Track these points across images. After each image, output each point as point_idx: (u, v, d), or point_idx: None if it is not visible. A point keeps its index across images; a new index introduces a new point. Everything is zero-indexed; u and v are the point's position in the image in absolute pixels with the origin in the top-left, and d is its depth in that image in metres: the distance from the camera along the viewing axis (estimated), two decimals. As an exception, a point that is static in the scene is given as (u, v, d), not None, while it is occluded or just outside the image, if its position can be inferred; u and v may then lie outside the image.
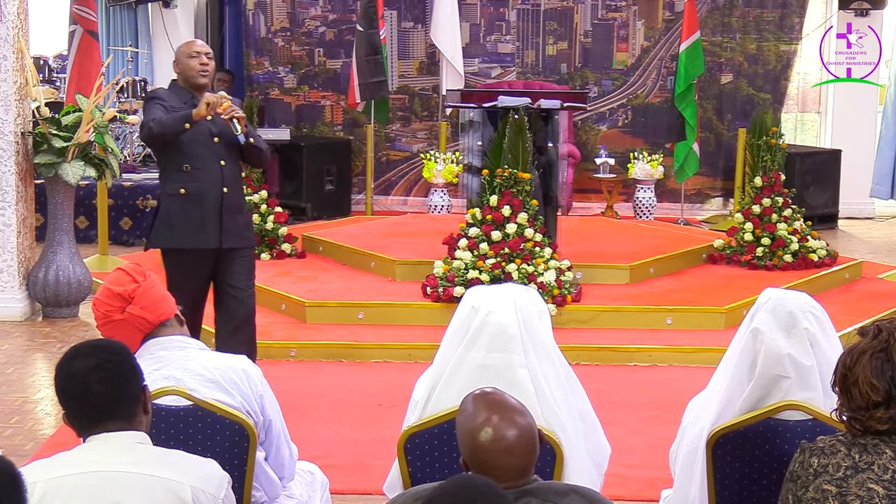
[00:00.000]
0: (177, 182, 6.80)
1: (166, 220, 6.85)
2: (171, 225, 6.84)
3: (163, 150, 6.88)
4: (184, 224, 6.82)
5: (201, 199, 6.80)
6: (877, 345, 3.38)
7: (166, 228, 6.86)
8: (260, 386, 4.27)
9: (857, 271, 10.80)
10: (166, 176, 6.86)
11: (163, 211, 6.88)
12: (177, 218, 6.82)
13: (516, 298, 4.11)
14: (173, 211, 6.83)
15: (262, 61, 14.65)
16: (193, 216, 6.81)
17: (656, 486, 5.40)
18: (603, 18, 14.32)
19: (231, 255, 6.92)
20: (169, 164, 6.83)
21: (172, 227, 6.84)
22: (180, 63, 6.88)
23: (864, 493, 3.27)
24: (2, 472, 2.72)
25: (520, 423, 3.18)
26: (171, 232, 6.86)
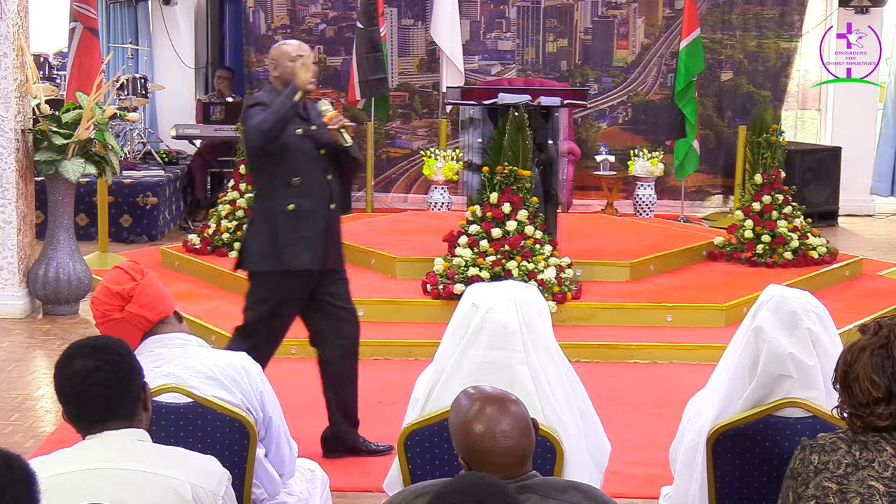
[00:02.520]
0: (284, 198, 6.27)
1: (269, 239, 6.29)
2: (277, 245, 6.28)
3: (266, 163, 6.30)
4: (292, 244, 6.29)
5: (311, 216, 6.32)
6: (877, 341, 3.38)
7: (270, 248, 6.30)
8: (260, 383, 4.27)
9: (857, 268, 10.80)
10: (271, 191, 6.31)
11: (265, 229, 6.32)
12: (284, 237, 6.28)
13: (516, 296, 4.12)
14: (280, 229, 6.27)
15: (262, 59, 14.62)
16: (302, 235, 6.30)
17: (656, 483, 5.40)
18: (603, 16, 14.32)
19: (333, 276, 6.53)
20: (274, 178, 6.28)
21: (278, 247, 6.28)
22: (281, 66, 6.38)
23: (864, 491, 3.27)
24: (18, 470, 2.72)
25: (511, 409, 3.21)
26: (277, 252, 6.29)
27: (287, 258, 6.29)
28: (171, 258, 10.84)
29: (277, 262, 6.29)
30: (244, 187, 10.84)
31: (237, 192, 10.87)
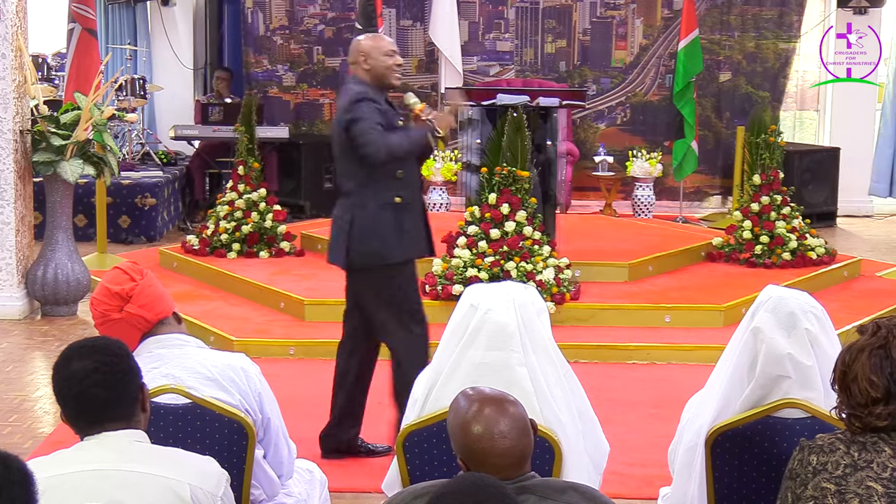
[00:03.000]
0: (390, 190, 6.26)
1: (380, 231, 6.26)
2: (387, 236, 6.27)
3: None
4: (400, 234, 6.29)
5: (413, 207, 6.37)
6: (875, 342, 3.38)
7: (384, 243, 6.28)
8: (259, 384, 4.27)
9: (855, 269, 10.80)
10: (374, 184, 6.24)
11: (375, 222, 6.26)
12: (392, 228, 6.27)
13: (515, 296, 4.12)
14: (387, 221, 6.26)
15: (260, 59, 14.65)
16: (408, 226, 6.32)
17: (655, 484, 5.40)
18: (601, 16, 14.33)
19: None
20: (377, 172, 6.22)
21: (392, 238, 6.29)
22: (372, 59, 6.31)
23: (862, 492, 3.27)
24: (15, 470, 2.72)
25: (510, 410, 3.22)
26: (394, 244, 6.30)
27: (403, 249, 6.33)
28: (169, 259, 10.85)
29: (396, 253, 6.29)
30: (242, 188, 10.85)
31: (235, 193, 10.87)
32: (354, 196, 6.32)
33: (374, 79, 6.34)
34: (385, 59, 6.34)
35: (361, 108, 6.20)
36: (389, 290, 6.39)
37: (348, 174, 6.36)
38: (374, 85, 6.32)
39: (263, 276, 9.92)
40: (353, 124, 6.17)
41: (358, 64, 6.37)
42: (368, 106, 6.20)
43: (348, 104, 6.22)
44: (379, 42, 6.43)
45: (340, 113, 6.33)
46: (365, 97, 6.23)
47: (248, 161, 10.93)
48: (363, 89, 6.28)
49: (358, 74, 6.38)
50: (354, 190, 6.32)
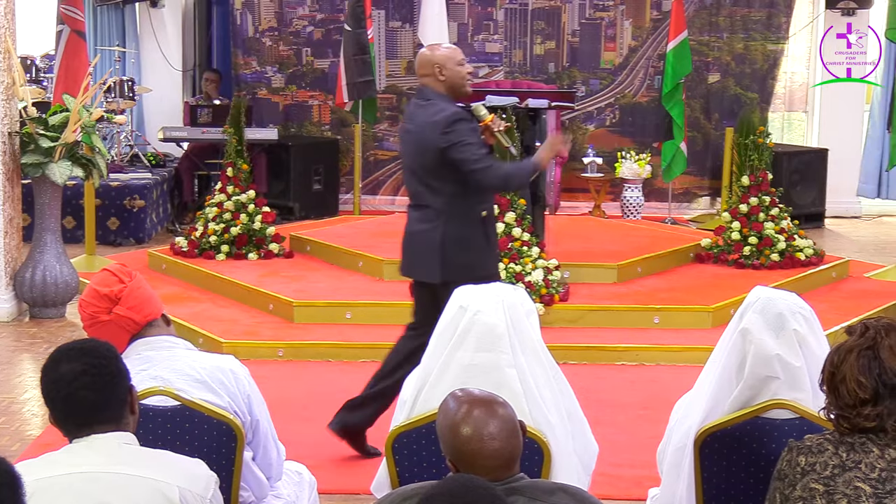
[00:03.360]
0: (478, 204, 6.29)
1: (473, 244, 6.28)
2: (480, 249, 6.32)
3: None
4: (488, 247, 6.39)
5: (492, 220, 6.49)
6: (864, 343, 3.39)
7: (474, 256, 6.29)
8: (247, 386, 4.27)
9: (843, 270, 10.82)
10: (466, 199, 6.24)
11: (468, 236, 6.27)
12: (483, 241, 6.34)
13: (504, 298, 4.12)
14: (479, 234, 6.31)
15: (249, 61, 14.64)
16: (493, 239, 6.48)
17: (644, 485, 5.40)
18: (590, 18, 14.34)
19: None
20: (471, 188, 6.22)
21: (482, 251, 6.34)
22: (448, 70, 6.29)
23: (851, 492, 3.28)
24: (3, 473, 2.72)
25: (499, 412, 3.23)
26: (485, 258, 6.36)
27: (490, 263, 6.40)
28: (158, 261, 10.83)
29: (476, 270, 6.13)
30: (231, 189, 10.83)
31: (224, 195, 10.86)
32: (443, 210, 6.25)
33: (449, 89, 6.33)
34: (459, 70, 6.34)
35: (461, 129, 6.17)
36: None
37: (435, 189, 6.27)
38: (449, 95, 6.33)
39: (252, 277, 9.92)
40: (456, 148, 6.12)
41: (432, 76, 6.33)
42: (466, 126, 6.20)
43: (446, 124, 6.15)
44: (451, 52, 6.41)
45: (433, 130, 6.19)
46: (462, 117, 6.22)
47: (237, 163, 10.92)
48: (453, 108, 6.28)
49: (432, 86, 6.34)
50: (443, 205, 6.25)
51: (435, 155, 6.17)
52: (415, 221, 6.42)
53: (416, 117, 6.36)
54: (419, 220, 6.38)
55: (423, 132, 6.25)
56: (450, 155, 6.13)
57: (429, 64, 6.33)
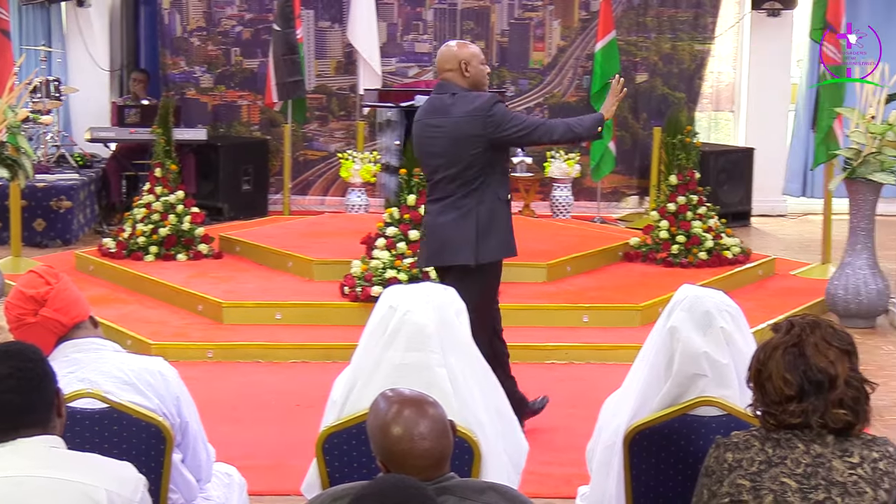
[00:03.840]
0: (504, 188, 6.64)
1: (501, 226, 6.61)
2: (508, 231, 6.67)
3: (500, 158, 6.64)
4: (510, 228, 6.71)
5: (510, 204, 6.77)
6: (789, 340, 3.42)
7: (506, 235, 6.66)
8: (176, 387, 4.24)
9: (770, 268, 10.93)
10: (494, 180, 6.57)
11: (497, 218, 6.58)
12: (507, 223, 6.67)
13: (434, 297, 4.13)
14: (505, 216, 6.65)
15: (178, 61, 14.54)
16: (511, 221, 6.75)
17: (573, 483, 5.43)
18: (519, 18, 14.38)
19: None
20: (497, 167, 6.60)
21: (508, 233, 6.68)
22: (472, 67, 6.57)
23: (777, 488, 3.31)
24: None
25: (429, 412, 3.23)
26: (509, 240, 6.68)
27: (512, 245, 6.71)
28: (85, 262, 10.74)
29: (508, 248, 6.68)
30: (160, 190, 10.76)
31: (153, 196, 10.78)
32: (474, 197, 6.52)
33: (472, 86, 6.57)
34: (482, 68, 6.65)
35: (501, 109, 6.49)
36: (486, 283, 6.66)
37: (467, 179, 6.51)
38: (472, 89, 6.57)
39: (181, 278, 9.86)
40: (505, 126, 6.44)
41: (457, 71, 6.56)
42: (503, 106, 6.53)
43: (487, 109, 6.43)
44: (477, 51, 6.67)
45: (474, 120, 6.44)
46: (497, 100, 6.53)
47: (166, 163, 10.85)
48: (486, 94, 6.59)
49: (454, 80, 6.57)
50: (474, 192, 6.52)
51: (476, 143, 6.44)
52: (438, 213, 6.63)
53: (450, 111, 6.52)
54: (445, 210, 6.59)
55: (460, 124, 6.48)
56: (500, 135, 6.45)
57: (455, 59, 6.58)
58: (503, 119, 6.45)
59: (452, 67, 6.56)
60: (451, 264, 6.63)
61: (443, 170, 6.57)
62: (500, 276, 6.78)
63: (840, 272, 9.56)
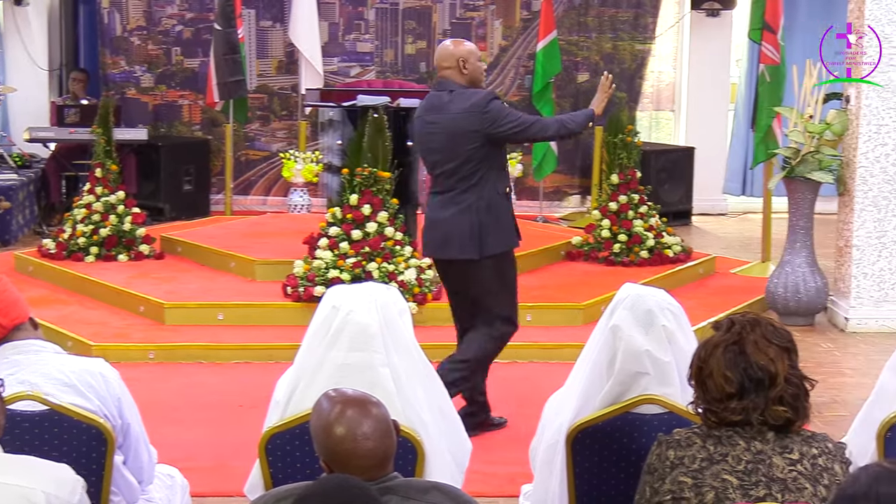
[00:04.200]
0: (502, 182, 6.83)
1: (502, 218, 6.82)
2: (508, 224, 6.88)
3: (498, 152, 6.83)
4: (512, 220, 6.92)
5: (510, 197, 6.96)
6: (730, 338, 3.45)
7: (507, 227, 6.87)
8: (118, 389, 4.22)
9: (710, 266, 11.00)
10: (493, 175, 6.78)
11: (497, 211, 6.78)
12: (509, 215, 6.88)
13: (377, 297, 4.12)
14: (505, 209, 6.84)
15: (117, 60, 14.43)
16: (512, 214, 6.95)
17: (517, 481, 5.45)
18: (461, 18, 14.39)
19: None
20: (495, 162, 6.80)
21: (509, 225, 6.89)
22: (470, 65, 6.78)
23: (718, 484, 3.34)
24: None
25: (372, 411, 3.23)
26: (510, 231, 6.90)
27: (514, 236, 6.93)
28: (25, 263, 10.64)
29: (511, 239, 6.90)
30: (100, 190, 10.68)
31: (93, 196, 10.69)
32: (474, 192, 6.72)
33: (470, 83, 6.77)
34: (480, 65, 6.85)
35: (497, 105, 6.68)
36: (508, 272, 6.92)
37: (466, 174, 6.71)
38: (470, 87, 6.76)
39: (122, 279, 9.79)
40: (501, 122, 6.62)
41: (455, 68, 6.77)
42: (498, 102, 6.72)
43: (483, 105, 6.62)
44: (474, 48, 6.88)
45: (470, 116, 6.64)
46: (494, 96, 6.75)
47: (106, 163, 10.77)
48: (482, 91, 6.79)
49: (454, 78, 6.77)
50: (474, 187, 6.72)
51: (473, 138, 6.62)
52: (440, 207, 6.83)
53: (447, 108, 6.71)
54: (446, 204, 6.79)
55: (457, 121, 6.67)
56: (496, 131, 6.64)
57: (452, 57, 6.79)
58: (499, 115, 6.62)
59: (451, 65, 6.77)
60: (456, 258, 6.83)
61: (441, 165, 6.77)
62: (514, 263, 7.00)
63: (779, 270, 9.64)
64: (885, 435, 4.24)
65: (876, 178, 9.26)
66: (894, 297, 9.37)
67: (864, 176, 9.26)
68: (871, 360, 8.51)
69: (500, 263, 6.85)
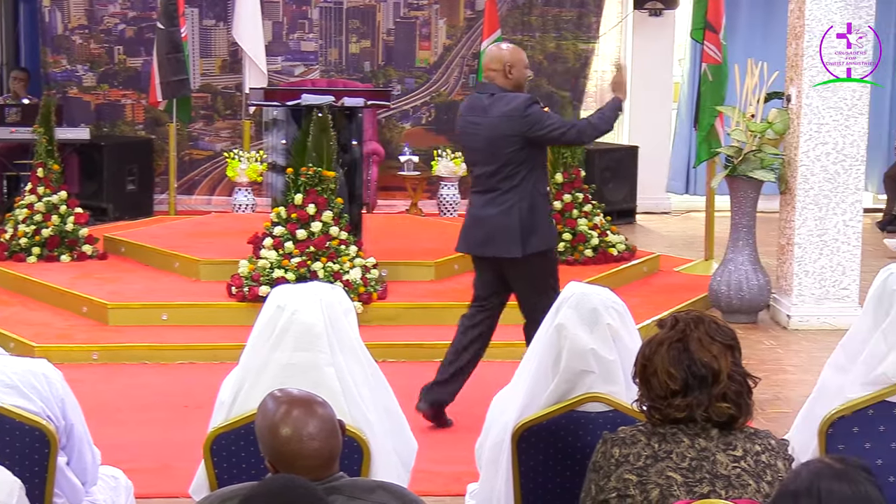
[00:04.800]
0: (543, 182, 7.06)
1: (542, 219, 6.95)
2: (549, 223, 7.06)
3: (539, 153, 6.99)
4: (552, 221, 7.16)
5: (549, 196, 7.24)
6: (674, 335, 3.47)
7: (548, 227, 7.04)
8: (61, 390, 4.19)
9: (654, 265, 11.06)
10: (534, 175, 6.91)
11: (539, 211, 6.92)
12: (548, 216, 7.07)
13: (322, 297, 4.12)
14: (545, 209, 7.02)
15: (59, 59, 14.32)
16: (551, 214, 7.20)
17: (463, 480, 5.46)
18: (405, 17, 14.39)
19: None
20: (537, 162, 6.96)
21: (550, 225, 7.09)
22: (516, 70, 6.90)
23: (663, 482, 3.35)
24: None
25: (318, 411, 3.22)
26: (551, 231, 7.09)
27: (554, 235, 7.16)
28: (-35, 264, 10.54)
29: (551, 239, 7.08)
30: (42, 190, 10.59)
31: (35, 196, 10.61)
32: (516, 192, 6.86)
33: (513, 87, 6.88)
34: (525, 72, 7.01)
35: (536, 110, 6.81)
36: (542, 273, 7.02)
37: (508, 175, 6.86)
38: (512, 90, 6.87)
39: (65, 280, 9.72)
40: (540, 126, 6.77)
41: (501, 72, 6.88)
42: (538, 107, 6.85)
43: (523, 109, 6.75)
44: (521, 55, 7.01)
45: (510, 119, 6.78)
46: (533, 101, 6.85)
47: (48, 163, 10.69)
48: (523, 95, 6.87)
49: (496, 81, 6.89)
50: (516, 187, 6.85)
51: (514, 141, 6.77)
52: (483, 206, 6.96)
53: (488, 111, 6.84)
54: (489, 203, 6.93)
55: (498, 123, 6.80)
56: (534, 134, 6.79)
57: (499, 61, 6.91)
58: (538, 119, 6.77)
59: (497, 68, 6.89)
60: (499, 257, 6.99)
61: (482, 165, 6.94)
62: (556, 260, 7.24)
63: (723, 268, 9.71)
64: (826, 431, 4.28)
65: (817, 176, 9.34)
66: (835, 295, 9.46)
67: (805, 174, 9.34)
68: (812, 357, 8.58)
69: (542, 261, 7.00)
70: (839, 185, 9.35)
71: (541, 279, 7.00)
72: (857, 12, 9.22)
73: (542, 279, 7.00)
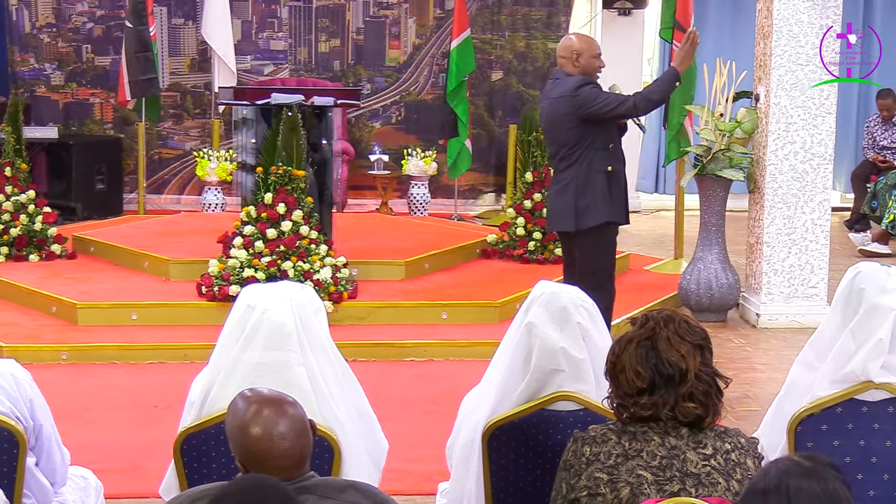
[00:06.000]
0: (604, 161, 7.28)
1: (600, 195, 7.28)
2: (606, 200, 7.30)
3: (589, 133, 7.24)
4: (614, 199, 7.34)
5: (620, 178, 7.41)
6: (643, 333, 3.48)
7: (603, 203, 7.29)
8: (29, 390, 4.18)
9: (624, 263, 11.06)
10: (591, 153, 7.25)
11: (594, 188, 7.26)
12: (609, 194, 7.30)
13: (292, 296, 4.12)
14: (600, 185, 7.27)
15: (27, 58, 14.24)
16: (616, 192, 7.34)
17: (434, 479, 5.46)
18: (375, 16, 14.38)
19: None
20: (596, 141, 7.25)
21: (607, 202, 7.31)
22: (583, 59, 7.30)
23: (633, 480, 3.37)
24: None
25: (289, 411, 3.22)
26: (608, 207, 7.31)
27: (614, 211, 7.37)
28: (-67, 264, 10.48)
29: (609, 213, 7.34)
30: (10, 190, 10.54)
31: (3, 195, 10.54)
32: (571, 169, 7.32)
33: (581, 75, 7.26)
34: (594, 62, 7.36)
35: (586, 89, 7.17)
36: (597, 247, 7.41)
37: (564, 155, 7.33)
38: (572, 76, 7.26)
39: (33, 279, 9.68)
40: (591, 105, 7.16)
41: (569, 59, 7.34)
42: (589, 86, 7.19)
43: (573, 91, 7.17)
44: (591, 44, 7.46)
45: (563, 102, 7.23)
46: (584, 82, 7.19)
47: (16, 162, 10.64)
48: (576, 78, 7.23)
49: (565, 67, 7.36)
50: (571, 167, 7.31)
51: (568, 120, 7.22)
52: (552, 184, 7.63)
53: (549, 95, 7.43)
54: (553, 181, 7.58)
55: (553, 106, 7.32)
56: (586, 112, 7.19)
57: (569, 49, 7.37)
58: (588, 97, 7.14)
59: (565, 55, 7.37)
60: (557, 230, 7.71)
61: (550, 146, 7.64)
62: (613, 239, 7.53)
63: (692, 267, 9.74)
64: (795, 429, 4.31)
65: (785, 175, 9.38)
66: (804, 293, 9.50)
67: (773, 173, 9.37)
68: (781, 355, 8.62)
69: (598, 236, 7.35)
70: (807, 183, 9.39)
71: (595, 252, 7.40)
72: (825, 12, 9.26)
73: (595, 255, 7.40)
